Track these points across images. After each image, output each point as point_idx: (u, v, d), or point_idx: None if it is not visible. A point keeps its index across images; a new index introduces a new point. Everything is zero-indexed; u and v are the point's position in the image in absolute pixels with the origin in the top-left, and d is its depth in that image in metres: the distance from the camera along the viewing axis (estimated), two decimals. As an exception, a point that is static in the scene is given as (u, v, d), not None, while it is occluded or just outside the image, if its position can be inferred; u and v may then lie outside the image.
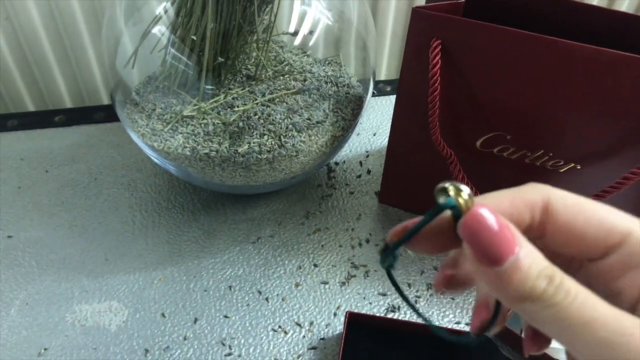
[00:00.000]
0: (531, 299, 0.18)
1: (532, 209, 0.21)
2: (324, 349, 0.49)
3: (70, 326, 0.50)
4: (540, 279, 0.18)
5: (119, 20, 0.55)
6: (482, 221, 0.19)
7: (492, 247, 0.18)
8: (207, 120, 0.52)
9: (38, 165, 0.66)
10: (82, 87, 0.82)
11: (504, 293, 0.19)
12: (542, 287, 0.18)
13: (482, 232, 0.19)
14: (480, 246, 0.19)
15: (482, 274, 0.19)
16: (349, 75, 0.61)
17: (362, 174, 0.67)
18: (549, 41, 0.43)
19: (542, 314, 0.18)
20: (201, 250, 0.57)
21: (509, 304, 0.19)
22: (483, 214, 0.19)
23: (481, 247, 0.19)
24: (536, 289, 0.18)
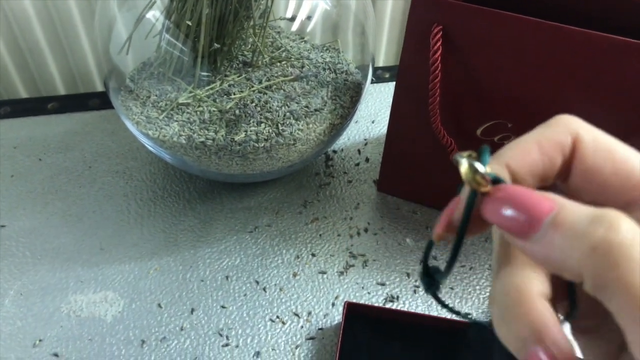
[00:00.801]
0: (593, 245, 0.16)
1: (562, 150, 0.19)
2: (322, 339, 0.48)
3: (65, 317, 0.49)
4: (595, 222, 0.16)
5: (113, 5, 0.54)
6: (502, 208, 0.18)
7: (522, 222, 0.17)
8: (203, 107, 0.51)
9: (31, 153, 0.65)
10: (76, 74, 0.81)
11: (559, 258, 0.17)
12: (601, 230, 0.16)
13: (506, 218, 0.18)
14: (512, 227, 0.18)
15: (524, 248, 0.18)
16: (347, 61, 0.60)
17: (360, 162, 0.66)
18: (552, 27, 0.42)
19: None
20: (197, 239, 0.56)
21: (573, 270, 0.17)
22: (502, 200, 0.18)
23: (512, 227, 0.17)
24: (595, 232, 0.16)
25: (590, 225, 0.16)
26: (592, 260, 0.16)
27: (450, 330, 0.48)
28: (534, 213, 0.17)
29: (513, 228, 0.18)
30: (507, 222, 0.18)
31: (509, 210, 0.17)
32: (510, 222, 0.18)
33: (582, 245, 0.16)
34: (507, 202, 0.18)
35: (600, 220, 0.16)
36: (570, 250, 0.16)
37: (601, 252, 0.15)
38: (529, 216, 0.17)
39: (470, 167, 0.18)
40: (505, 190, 0.18)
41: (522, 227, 0.17)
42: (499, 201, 0.18)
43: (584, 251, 0.16)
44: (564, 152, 0.19)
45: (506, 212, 0.18)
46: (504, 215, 0.18)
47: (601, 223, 0.16)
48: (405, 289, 0.53)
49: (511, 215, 0.17)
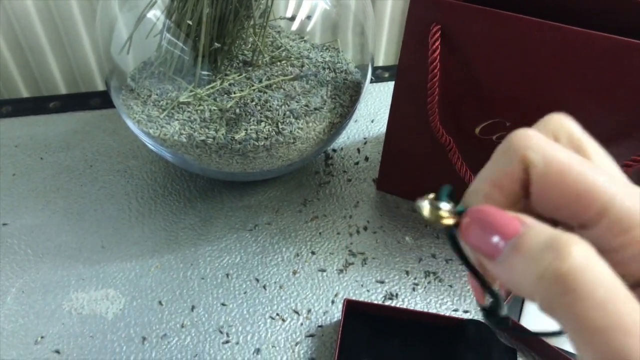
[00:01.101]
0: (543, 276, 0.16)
1: (519, 180, 0.19)
2: (322, 337, 0.49)
3: (67, 314, 0.50)
4: (546, 251, 0.16)
5: (114, 5, 0.54)
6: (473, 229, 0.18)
7: (489, 243, 0.18)
8: (204, 106, 0.51)
9: (33, 152, 0.66)
10: (77, 73, 0.81)
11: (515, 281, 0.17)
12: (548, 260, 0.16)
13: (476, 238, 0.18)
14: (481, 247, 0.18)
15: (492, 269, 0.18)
16: (346, 61, 0.60)
17: (359, 161, 0.67)
18: (551, 27, 0.43)
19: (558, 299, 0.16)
20: (198, 237, 0.57)
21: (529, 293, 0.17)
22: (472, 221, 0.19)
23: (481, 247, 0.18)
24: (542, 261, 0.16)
25: (542, 252, 0.16)
26: (539, 287, 0.16)
27: (448, 328, 0.48)
28: (500, 233, 0.17)
29: (482, 248, 0.18)
30: (477, 242, 0.18)
31: (481, 231, 0.18)
32: (479, 242, 0.18)
33: (532, 271, 0.16)
34: (478, 221, 0.18)
35: (551, 246, 0.16)
36: (523, 275, 0.17)
37: (547, 280, 0.16)
38: (496, 236, 0.18)
39: (432, 206, 0.19)
40: (474, 212, 0.19)
41: (489, 248, 0.18)
42: (472, 219, 0.19)
43: (533, 278, 0.16)
44: (520, 182, 0.19)
45: (478, 232, 0.18)
46: (476, 235, 0.18)
47: (551, 250, 0.16)
48: (404, 287, 0.53)
49: (481, 235, 0.18)
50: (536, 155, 0.18)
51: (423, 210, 0.19)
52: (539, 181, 0.18)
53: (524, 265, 0.16)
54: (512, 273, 0.17)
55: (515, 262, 0.17)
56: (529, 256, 0.16)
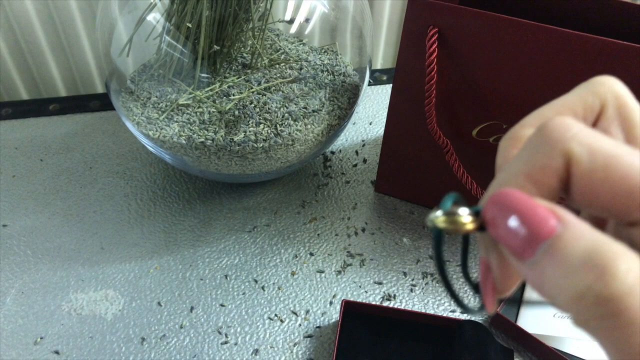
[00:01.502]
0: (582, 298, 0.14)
1: (557, 175, 0.16)
2: (320, 337, 0.49)
3: (66, 315, 0.50)
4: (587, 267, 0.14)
5: (114, 7, 0.54)
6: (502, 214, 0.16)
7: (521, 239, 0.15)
8: (203, 108, 0.52)
9: (33, 154, 0.66)
10: (77, 76, 0.82)
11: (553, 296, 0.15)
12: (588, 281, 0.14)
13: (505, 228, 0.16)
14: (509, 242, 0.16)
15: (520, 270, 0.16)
16: (345, 63, 0.61)
17: (358, 163, 0.67)
18: (547, 29, 0.43)
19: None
20: (197, 239, 0.57)
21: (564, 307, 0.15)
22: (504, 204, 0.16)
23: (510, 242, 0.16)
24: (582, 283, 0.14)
25: (582, 267, 0.14)
26: (576, 305, 0.14)
27: (446, 328, 0.48)
28: (534, 230, 0.15)
29: (510, 245, 0.16)
30: (506, 235, 0.16)
31: (510, 220, 0.16)
32: (509, 235, 0.16)
33: (569, 287, 0.14)
34: (507, 208, 0.16)
35: (594, 262, 0.14)
36: (558, 288, 0.14)
37: (587, 301, 0.14)
38: (528, 233, 0.15)
39: (448, 215, 0.17)
40: (503, 197, 0.16)
41: (520, 245, 0.15)
42: (499, 205, 0.16)
43: (570, 295, 0.14)
44: (559, 176, 0.16)
45: (506, 222, 0.16)
46: (504, 226, 0.16)
47: (594, 267, 0.14)
48: (402, 288, 0.53)
49: (512, 227, 0.16)
50: (580, 149, 0.16)
51: (438, 223, 0.17)
52: (583, 177, 0.16)
53: (560, 277, 0.14)
54: (544, 282, 0.15)
55: (549, 271, 0.15)
56: (567, 268, 0.14)
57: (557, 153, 0.16)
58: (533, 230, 0.15)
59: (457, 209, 0.17)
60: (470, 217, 0.17)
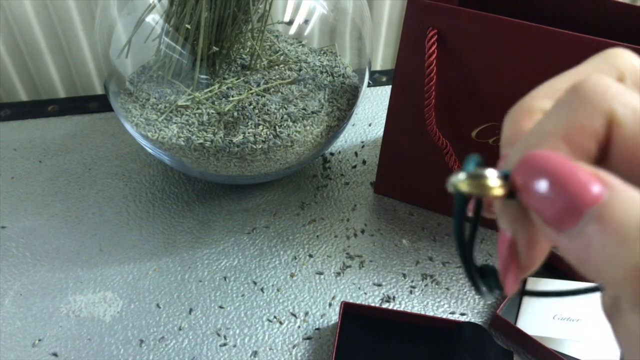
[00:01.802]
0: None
1: (596, 138, 0.15)
2: (319, 339, 0.49)
3: (64, 317, 0.50)
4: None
5: (113, 9, 0.54)
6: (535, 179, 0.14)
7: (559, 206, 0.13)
8: (202, 110, 0.51)
9: (31, 155, 0.66)
10: (76, 77, 0.82)
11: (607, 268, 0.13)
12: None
13: (538, 195, 0.14)
14: (544, 210, 0.14)
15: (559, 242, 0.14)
16: (344, 65, 0.61)
17: (357, 165, 0.67)
18: (546, 31, 0.43)
19: None
20: (196, 240, 0.57)
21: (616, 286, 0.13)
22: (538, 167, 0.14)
23: (545, 211, 0.14)
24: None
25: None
26: (631, 281, 0.12)
27: (445, 330, 0.48)
28: (576, 196, 0.13)
29: (547, 213, 0.14)
30: (541, 202, 0.14)
31: (544, 186, 0.14)
32: (544, 203, 0.14)
33: (623, 258, 0.12)
34: (541, 172, 0.14)
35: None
36: (608, 260, 0.12)
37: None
38: (569, 200, 0.13)
39: (472, 178, 0.15)
40: (537, 158, 0.14)
41: (558, 214, 0.13)
42: (531, 168, 0.14)
43: (624, 268, 0.12)
44: (598, 140, 0.15)
45: (540, 187, 0.14)
46: (538, 191, 0.14)
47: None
48: (401, 290, 0.53)
49: (546, 194, 0.14)
50: (624, 109, 0.14)
51: (462, 186, 0.15)
52: (626, 140, 0.14)
53: (612, 248, 0.12)
54: (590, 255, 0.13)
55: (597, 242, 0.13)
56: (621, 238, 0.12)
57: (599, 113, 0.14)
58: (575, 196, 0.13)
59: (483, 171, 0.15)
60: (499, 180, 0.15)
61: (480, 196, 0.15)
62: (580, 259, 0.13)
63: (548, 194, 0.14)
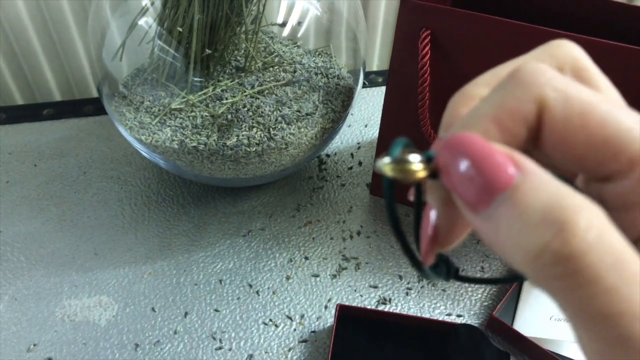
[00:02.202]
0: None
1: (526, 122, 0.15)
2: (315, 342, 0.49)
3: (59, 321, 0.50)
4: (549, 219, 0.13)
5: (106, 11, 0.54)
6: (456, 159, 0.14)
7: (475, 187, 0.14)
8: (196, 112, 0.51)
9: (26, 159, 0.66)
10: (71, 80, 0.82)
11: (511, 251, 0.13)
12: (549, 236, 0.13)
13: (458, 174, 0.14)
14: (462, 191, 0.14)
15: (475, 225, 0.15)
16: (339, 66, 0.61)
17: (353, 166, 0.67)
18: (539, 31, 0.43)
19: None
20: (191, 243, 0.57)
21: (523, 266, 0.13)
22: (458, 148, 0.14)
23: (463, 191, 0.14)
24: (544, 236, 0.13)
25: (540, 223, 0.13)
26: (533, 264, 0.13)
27: (441, 332, 0.48)
28: (490, 180, 0.14)
29: (464, 194, 0.14)
30: (459, 183, 0.14)
31: (464, 168, 0.14)
32: (462, 184, 0.14)
33: (526, 243, 0.13)
34: (462, 154, 0.14)
35: (553, 218, 0.13)
36: (513, 244, 0.13)
37: (545, 259, 0.13)
38: (484, 181, 0.14)
39: (396, 162, 0.15)
40: (458, 140, 0.14)
41: (473, 196, 0.14)
42: (452, 149, 0.14)
43: (526, 252, 0.13)
44: (528, 124, 0.15)
45: (459, 169, 0.14)
46: (457, 173, 0.14)
47: (552, 223, 0.13)
48: (397, 292, 0.53)
49: (465, 175, 0.14)
50: (555, 94, 0.15)
51: (387, 171, 0.15)
52: (557, 124, 0.15)
53: (516, 232, 0.13)
54: (498, 237, 0.14)
55: (504, 226, 0.13)
56: (523, 223, 0.13)
57: (530, 97, 0.15)
58: (489, 179, 0.14)
59: (407, 155, 0.15)
60: (421, 164, 0.15)
61: (403, 180, 0.15)
62: (490, 240, 0.14)
63: (466, 175, 0.14)
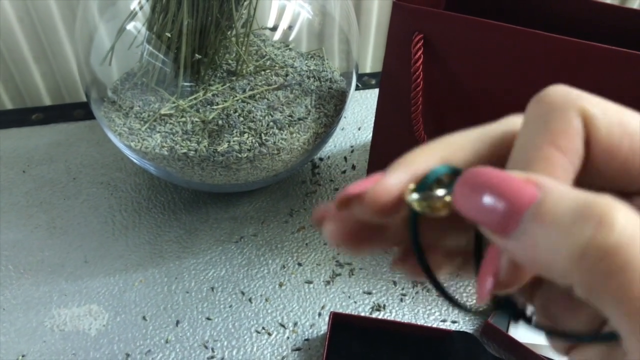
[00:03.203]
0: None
1: (580, 135, 0.15)
2: (309, 350, 0.48)
3: (49, 331, 0.49)
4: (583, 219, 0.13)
5: (93, 15, 0.53)
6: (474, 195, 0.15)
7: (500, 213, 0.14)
8: (186, 118, 0.51)
9: (15, 165, 0.65)
10: (61, 84, 0.80)
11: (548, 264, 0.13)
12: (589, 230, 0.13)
13: (481, 208, 0.14)
14: (489, 220, 0.14)
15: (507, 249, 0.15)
16: (332, 69, 0.60)
17: (347, 170, 0.66)
18: (533, 34, 0.42)
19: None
20: (183, 250, 0.56)
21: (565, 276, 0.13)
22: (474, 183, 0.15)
23: (489, 220, 0.14)
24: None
25: (576, 222, 0.13)
26: (580, 267, 0.13)
27: (436, 339, 0.47)
28: (513, 201, 0.14)
29: (490, 222, 0.14)
30: (483, 213, 0.14)
31: (484, 198, 0.14)
32: (486, 213, 0.14)
33: (567, 247, 0.13)
34: (479, 186, 0.15)
35: (589, 215, 0.13)
36: (554, 252, 0.13)
37: (591, 258, 0.13)
38: (508, 205, 0.14)
39: (421, 198, 0.15)
40: (476, 173, 0.15)
41: (500, 220, 0.14)
42: (469, 185, 0.15)
43: (569, 256, 0.13)
44: (582, 136, 0.16)
45: (480, 200, 0.14)
46: (479, 204, 0.14)
47: (589, 219, 0.13)
48: (391, 298, 0.52)
49: (487, 204, 0.14)
50: (592, 106, 0.15)
51: (415, 206, 0.15)
52: (601, 135, 0.15)
53: (554, 239, 0.13)
54: (537, 251, 0.14)
55: (540, 237, 0.13)
56: (560, 227, 0.13)
57: (574, 113, 0.15)
58: (512, 200, 0.14)
59: (435, 190, 0.15)
60: (449, 197, 0.15)
61: (430, 215, 0.16)
62: (529, 258, 0.14)
63: (487, 205, 0.14)
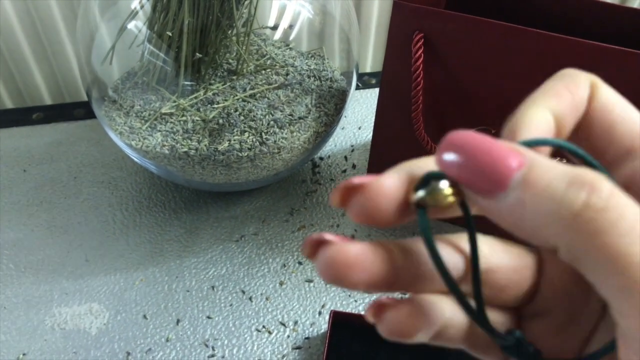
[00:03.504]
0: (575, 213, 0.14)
1: (586, 88, 0.19)
2: (309, 349, 0.48)
3: (49, 330, 0.49)
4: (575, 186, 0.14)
5: (94, 14, 0.53)
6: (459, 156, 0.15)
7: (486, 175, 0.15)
8: (187, 117, 0.51)
9: (16, 164, 0.65)
10: (62, 83, 0.81)
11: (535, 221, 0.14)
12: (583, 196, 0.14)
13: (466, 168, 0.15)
14: (474, 181, 0.15)
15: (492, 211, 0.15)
16: (332, 68, 0.60)
17: (347, 169, 0.66)
18: (533, 33, 0.42)
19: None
20: (183, 249, 0.56)
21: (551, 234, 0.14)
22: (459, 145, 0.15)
23: (475, 181, 0.15)
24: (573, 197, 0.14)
25: (570, 189, 0.14)
26: (572, 228, 0.14)
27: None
28: (500, 167, 0.14)
29: (476, 182, 0.15)
30: (468, 174, 0.15)
31: (471, 158, 0.15)
32: (471, 174, 0.15)
33: (562, 211, 0.14)
34: (464, 149, 0.15)
35: (581, 182, 0.14)
36: (546, 216, 0.14)
37: (584, 219, 0.13)
38: (494, 169, 0.14)
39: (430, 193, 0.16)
40: (457, 138, 0.15)
41: (486, 181, 0.15)
42: (454, 147, 0.15)
43: (565, 218, 0.14)
44: (588, 90, 0.19)
45: (464, 161, 0.15)
46: (463, 165, 0.15)
47: (582, 186, 0.14)
48: (392, 296, 0.52)
49: (472, 166, 0.15)
50: (600, 81, 0.19)
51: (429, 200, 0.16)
52: (607, 103, 0.18)
53: (546, 203, 0.14)
54: (524, 214, 0.14)
55: (529, 201, 0.14)
56: (554, 193, 0.14)
57: (585, 78, 0.19)
58: (501, 163, 0.14)
59: (437, 183, 0.16)
60: (451, 188, 0.16)
61: (437, 206, 0.16)
62: (516, 220, 0.15)
63: (475, 166, 0.15)
